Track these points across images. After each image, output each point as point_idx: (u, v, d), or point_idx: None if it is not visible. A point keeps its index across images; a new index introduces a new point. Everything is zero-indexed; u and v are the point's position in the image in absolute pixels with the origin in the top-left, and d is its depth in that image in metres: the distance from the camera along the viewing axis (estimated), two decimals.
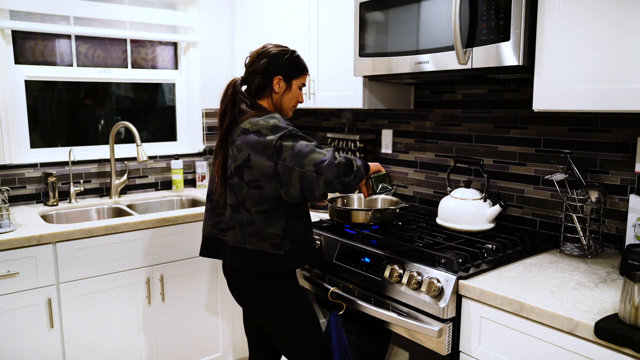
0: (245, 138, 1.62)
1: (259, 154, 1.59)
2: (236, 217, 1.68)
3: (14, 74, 2.54)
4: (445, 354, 1.53)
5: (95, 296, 2.19)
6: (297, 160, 1.55)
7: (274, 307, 1.69)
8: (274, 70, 1.78)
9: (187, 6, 3.04)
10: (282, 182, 1.58)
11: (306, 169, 1.54)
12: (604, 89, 1.41)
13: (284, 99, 1.80)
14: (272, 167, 1.58)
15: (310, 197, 1.58)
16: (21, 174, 2.56)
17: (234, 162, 1.66)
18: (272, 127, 1.61)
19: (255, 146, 1.60)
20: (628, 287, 1.18)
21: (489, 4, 1.59)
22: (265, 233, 1.64)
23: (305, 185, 1.55)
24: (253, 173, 1.61)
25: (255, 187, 1.62)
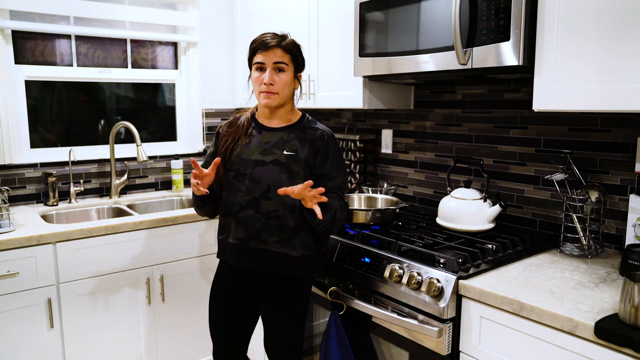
0: None
1: None
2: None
3: (14, 74, 2.54)
4: (445, 354, 1.53)
5: (95, 296, 2.19)
6: None
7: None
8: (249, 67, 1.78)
9: (187, 6, 3.04)
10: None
11: None
12: (604, 89, 1.41)
13: (253, 87, 1.75)
14: None
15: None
16: (21, 174, 2.56)
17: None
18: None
19: None
20: (628, 287, 1.18)
21: (489, 4, 1.59)
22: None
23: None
24: None
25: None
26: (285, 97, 1.71)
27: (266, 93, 1.68)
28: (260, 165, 1.69)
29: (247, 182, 1.69)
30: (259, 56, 1.68)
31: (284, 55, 1.67)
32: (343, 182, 1.74)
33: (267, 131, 1.75)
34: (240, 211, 1.70)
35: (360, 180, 2.70)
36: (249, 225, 1.69)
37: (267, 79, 1.66)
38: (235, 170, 1.72)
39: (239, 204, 1.70)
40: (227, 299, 1.83)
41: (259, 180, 1.67)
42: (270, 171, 1.67)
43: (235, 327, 1.86)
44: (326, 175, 1.70)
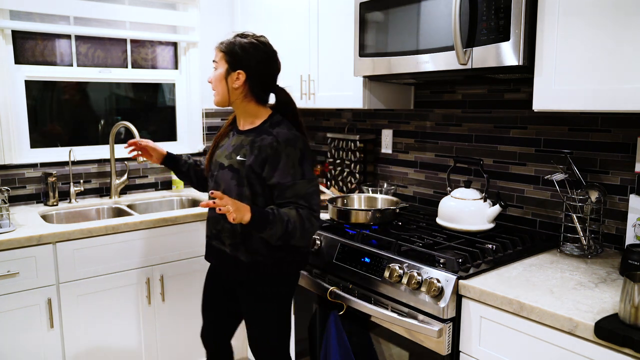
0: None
1: None
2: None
3: (14, 74, 2.54)
4: (445, 354, 1.53)
5: (95, 296, 2.19)
6: None
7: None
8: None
9: (187, 6, 3.04)
10: None
11: None
12: (604, 89, 1.41)
13: None
14: None
15: None
16: (21, 174, 2.56)
17: None
18: None
19: None
20: (628, 287, 1.18)
21: (489, 4, 1.59)
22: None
23: None
24: None
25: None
26: (222, 94, 1.71)
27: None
28: (222, 169, 1.74)
29: (213, 183, 1.78)
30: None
31: (217, 54, 1.71)
32: (306, 189, 1.63)
33: (237, 134, 1.77)
34: (210, 211, 1.81)
35: (360, 180, 2.70)
36: (213, 225, 1.79)
37: (208, 77, 1.75)
38: (210, 170, 1.83)
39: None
40: (214, 286, 1.93)
41: (219, 183, 1.74)
42: (225, 176, 1.72)
43: (218, 312, 1.94)
44: (279, 185, 1.62)
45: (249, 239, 1.69)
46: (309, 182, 1.64)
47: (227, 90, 1.70)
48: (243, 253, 1.71)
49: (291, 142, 1.63)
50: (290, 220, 1.58)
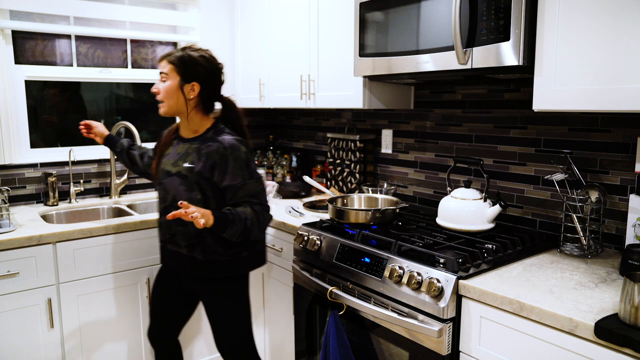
0: None
1: None
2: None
3: (14, 74, 2.54)
4: (445, 354, 1.53)
5: (95, 296, 2.19)
6: None
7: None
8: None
9: (187, 6, 3.04)
10: None
11: None
12: (604, 89, 1.41)
13: None
14: None
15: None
16: (21, 174, 2.56)
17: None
18: None
19: None
20: (628, 287, 1.18)
21: (489, 4, 1.59)
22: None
23: None
24: None
25: None
26: (172, 106, 1.81)
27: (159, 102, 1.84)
28: (169, 176, 1.83)
29: (162, 191, 1.86)
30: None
31: (166, 65, 1.79)
32: (255, 188, 1.78)
33: (182, 142, 1.87)
34: (160, 216, 1.89)
35: (360, 180, 2.70)
36: (166, 230, 1.88)
37: (153, 88, 1.84)
38: (158, 178, 1.90)
39: (160, 209, 1.89)
40: (165, 289, 2.02)
41: (168, 190, 1.83)
42: (173, 182, 1.81)
43: (169, 314, 2.03)
44: (231, 187, 1.75)
45: (203, 239, 1.80)
46: (257, 182, 1.80)
47: (185, 101, 1.80)
48: (199, 253, 1.82)
49: (236, 147, 1.76)
50: (248, 217, 1.73)
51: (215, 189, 1.78)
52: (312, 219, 2.28)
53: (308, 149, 3.23)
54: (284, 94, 2.74)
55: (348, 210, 2.07)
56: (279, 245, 2.33)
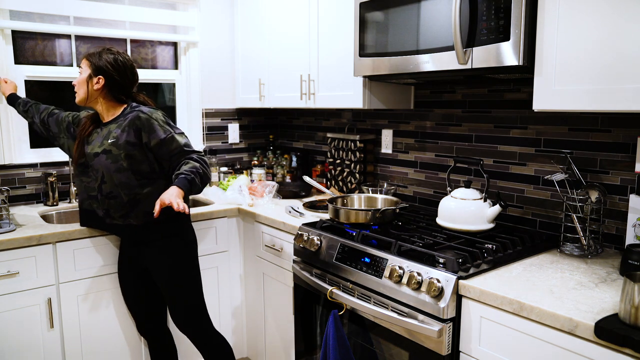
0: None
1: None
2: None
3: (14, 74, 2.54)
4: (445, 354, 1.53)
5: (95, 296, 2.19)
6: None
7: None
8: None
9: (187, 6, 3.04)
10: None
11: None
12: (604, 89, 1.41)
13: None
14: None
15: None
16: (21, 174, 2.56)
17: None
18: None
19: None
20: (628, 287, 1.18)
21: (489, 4, 1.59)
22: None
23: None
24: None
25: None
26: (84, 95, 2.03)
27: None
28: (96, 157, 1.99)
29: (92, 172, 2.01)
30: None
31: (84, 62, 2.04)
32: (184, 140, 2.00)
33: (103, 127, 2.05)
34: (96, 195, 2.02)
35: (360, 180, 2.70)
36: (102, 206, 2.03)
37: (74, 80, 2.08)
38: (85, 162, 2.04)
39: (93, 190, 2.03)
40: (127, 277, 2.19)
41: (97, 169, 1.99)
42: (100, 160, 1.97)
43: (143, 300, 2.21)
44: (163, 141, 1.95)
45: (137, 205, 1.98)
46: (182, 135, 2.02)
47: (87, 91, 2.03)
48: (135, 218, 2.00)
49: (153, 110, 2.02)
50: (197, 167, 1.92)
51: (146, 151, 1.97)
52: (312, 219, 2.28)
53: (308, 149, 3.23)
54: (284, 94, 2.74)
55: (348, 210, 2.07)
56: (279, 245, 2.33)
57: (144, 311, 2.22)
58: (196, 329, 2.14)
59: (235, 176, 2.99)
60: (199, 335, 2.15)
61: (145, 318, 2.23)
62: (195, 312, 2.14)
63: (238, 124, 3.30)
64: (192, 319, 2.13)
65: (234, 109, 3.27)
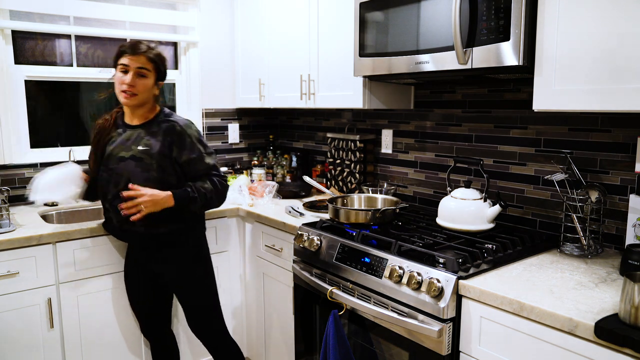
0: None
1: None
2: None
3: (14, 74, 2.54)
4: (445, 354, 1.53)
5: (95, 296, 2.19)
6: None
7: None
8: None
9: (187, 6, 3.04)
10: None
11: None
12: (604, 89, 1.41)
13: (115, 86, 1.94)
14: None
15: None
16: (21, 174, 2.55)
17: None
18: None
19: None
20: (628, 287, 1.18)
21: (489, 4, 1.59)
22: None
23: None
24: None
25: None
26: (144, 100, 1.92)
27: (125, 93, 1.88)
28: (122, 161, 1.91)
29: (114, 175, 1.92)
30: (124, 59, 1.88)
31: (147, 62, 1.90)
32: (213, 161, 1.98)
33: (129, 129, 1.96)
34: (114, 200, 1.92)
35: (360, 180, 2.70)
36: (115, 210, 1.93)
37: (128, 81, 1.87)
38: (105, 165, 1.95)
39: (110, 193, 1.93)
40: (136, 281, 2.13)
41: (121, 174, 1.90)
42: (128, 166, 1.89)
43: (151, 303, 2.15)
44: (191, 160, 1.92)
45: (155, 215, 1.89)
46: (212, 155, 1.99)
47: (151, 97, 1.95)
48: (157, 227, 1.94)
49: (189, 125, 1.96)
50: (207, 190, 1.92)
51: (175, 165, 1.92)
52: (312, 219, 2.28)
53: (308, 149, 3.23)
54: (284, 94, 2.74)
55: (348, 210, 2.07)
56: (279, 245, 2.33)
57: (149, 313, 2.19)
58: (213, 335, 2.13)
59: (235, 176, 2.99)
60: (215, 341, 2.15)
61: (150, 320, 2.21)
62: (213, 319, 2.13)
63: (238, 124, 3.30)
64: (209, 325, 2.12)
65: (234, 109, 3.27)
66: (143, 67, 1.89)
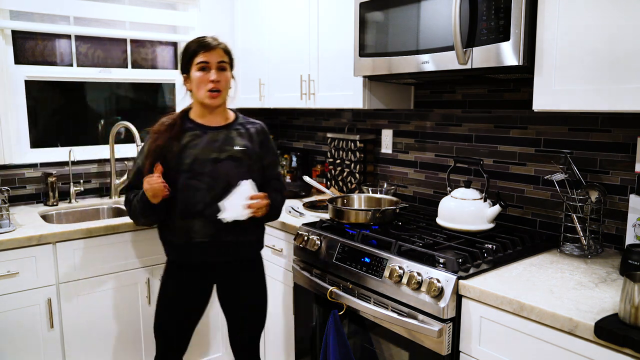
0: None
1: None
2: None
3: (14, 74, 2.54)
4: (445, 354, 1.53)
5: (95, 296, 2.19)
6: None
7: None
8: (181, 71, 1.85)
9: (187, 6, 3.04)
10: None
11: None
12: (604, 89, 1.41)
13: (194, 91, 1.81)
14: None
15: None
16: (21, 174, 2.56)
17: None
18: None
19: None
20: (628, 287, 1.18)
21: (489, 4, 1.59)
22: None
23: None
24: None
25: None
26: (226, 96, 1.84)
27: (211, 92, 1.76)
28: (217, 163, 1.77)
29: (208, 179, 1.75)
30: (202, 56, 1.75)
31: (224, 55, 1.80)
32: (279, 163, 2.04)
33: (212, 130, 1.82)
34: (205, 209, 1.75)
35: (360, 180, 2.70)
36: (217, 220, 1.74)
37: (214, 77, 1.75)
38: (191, 170, 1.75)
39: (201, 202, 1.75)
40: (185, 301, 1.89)
41: (218, 176, 1.75)
42: (227, 167, 1.77)
43: (188, 328, 1.94)
44: (272, 163, 1.91)
45: (251, 219, 1.77)
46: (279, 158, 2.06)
47: (228, 93, 1.87)
48: (251, 234, 1.86)
49: (267, 128, 1.96)
50: (278, 202, 1.91)
51: (261, 166, 1.87)
52: (312, 219, 2.28)
53: (308, 149, 3.23)
54: (284, 94, 2.74)
55: (348, 210, 2.07)
56: (279, 245, 2.33)
57: (182, 339, 1.93)
58: (254, 353, 2.02)
59: None
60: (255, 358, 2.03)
61: (184, 327, 1.93)
62: (259, 335, 2.02)
63: None
64: (256, 343, 2.01)
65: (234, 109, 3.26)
66: (222, 60, 1.79)
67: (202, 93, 1.78)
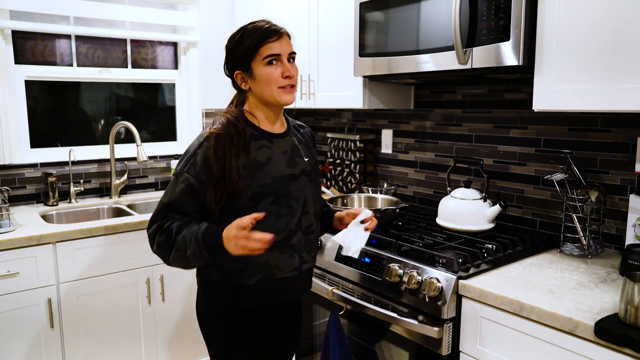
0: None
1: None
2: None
3: (14, 74, 2.54)
4: (445, 354, 1.53)
5: (95, 296, 2.19)
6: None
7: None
8: (230, 66, 1.45)
9: (187, 6, 3.04)
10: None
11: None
12: (603, 89, 1.41)
13: (259, 91, 1.41)
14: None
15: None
16: (21, 174, 2.56)
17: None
18: (182, 155, 1.49)
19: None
20: (628, 287, 1.18)
21: (489, 4, 1.59)
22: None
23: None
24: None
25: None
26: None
27: (285, 89, 1.40)
28: (295, 180, 1.45)
29: (291, 202, 1.43)
30: (272, 46, 1.37)
31: (290, 42, 1.43)
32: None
33: (277, 138, 1.47)
34: (290, 237, 1.43)
35: (360, 180, 2.70)
36: (300, 249, 1.46)
37: (291, 71, 1.40)
38: (272, 192, 1.40)
39: (286, 229, 1.42)
40: (280, 333, 1.57)
41: (297, 196, 1.45)
42: (303, 184, 1.47)
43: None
44: (315, 165, 1.58)
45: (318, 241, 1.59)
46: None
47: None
48: (314, 259, 1.57)
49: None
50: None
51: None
52: None
53: None
54: None
55: None
56: None
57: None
58: None
59: None
60: None
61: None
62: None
63: None
64: None
65: None
66: (293, 50, 1.43)
67: (273, 90, 1.40)
